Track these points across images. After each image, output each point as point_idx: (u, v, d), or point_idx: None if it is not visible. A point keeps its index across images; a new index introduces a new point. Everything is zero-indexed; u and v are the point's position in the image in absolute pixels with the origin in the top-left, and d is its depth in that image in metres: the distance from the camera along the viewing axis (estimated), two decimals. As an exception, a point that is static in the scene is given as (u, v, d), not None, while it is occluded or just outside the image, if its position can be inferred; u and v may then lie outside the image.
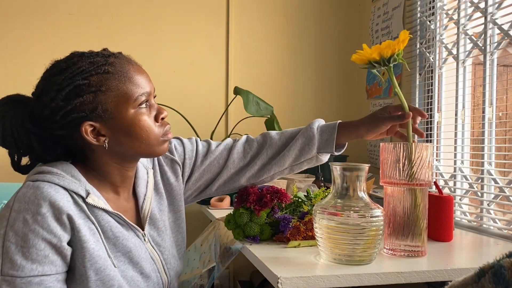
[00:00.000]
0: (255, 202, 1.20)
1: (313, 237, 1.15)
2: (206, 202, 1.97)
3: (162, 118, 0.98)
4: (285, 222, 1.21)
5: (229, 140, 1.23)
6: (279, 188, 1.24)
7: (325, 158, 1.18)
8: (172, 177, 1.14)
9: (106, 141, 0.92)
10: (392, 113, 1.12)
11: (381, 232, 1.02)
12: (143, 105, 0.94)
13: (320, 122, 1.19)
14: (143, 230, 1.01)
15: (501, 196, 1.48)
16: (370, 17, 2.39)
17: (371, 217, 1.00)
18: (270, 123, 2.15)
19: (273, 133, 1.22)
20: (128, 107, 0.92)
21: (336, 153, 1.16)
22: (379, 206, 1.04)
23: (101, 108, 0.90)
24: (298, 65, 2.59)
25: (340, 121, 1.17)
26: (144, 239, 1.00)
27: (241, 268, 2.39)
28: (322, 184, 1.99)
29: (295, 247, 1.17)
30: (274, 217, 1.24)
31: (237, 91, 2.11)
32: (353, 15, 2.60)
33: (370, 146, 2.36)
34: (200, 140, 1.22)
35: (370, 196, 1.22)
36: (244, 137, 1.24)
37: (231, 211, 1.29)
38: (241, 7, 2.51)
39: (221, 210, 1.82)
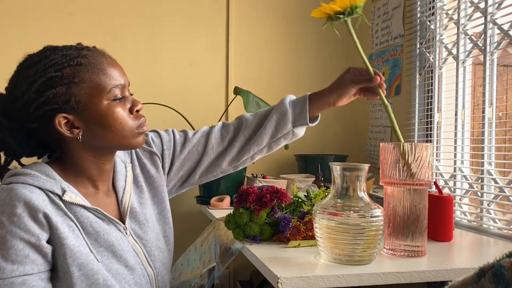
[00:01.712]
0: (255, 202, 1.20)
1: (313, 237, 1.15)
2: (206, 202, 1.97)
3: (137, 111, 0.98)
4: (285, 222, 1.21)
5: (205, 128, 1.24)
6: (279, 188, 1.24)
7: (301, 132, 1.20)
8: (152, 169, 1.14)
9: (80, 134, 0.92)
10: (356, 75, 1.14)
11: (381, 232, 1.02)
12: (117, 98, 0.94)
13: (291, 97, 1.22)
14: (124, 223, 1.01)
15: (501, 196, 1.48)
16: (370, 17, 2.39)
17: (371, 217, 1.01)
18: (270, 123, 2.14)
19: (247, 114, 1.24)
20: (102, 99, 0.92)
21: (310, 124, 1.18)
22: (379, 206, 1.04)
23: (74, 100, 0.90)
24: (298, 65, 2.59)
25: (310, 93, 1.19)
26: (126, 233, 1.00)
27: (241, 268, 2.39)
28: (322, 184, 1.99)
29: (295, 247, 1.17)
30: (274, 217, 1.24)
31: (237, 91, 2.11)
32: (353, 15, 2.59)
33: (370, 146, 2.36)
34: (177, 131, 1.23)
35: (370, 196, 1.22)
36: (220, 123, 1.25)
37: (231, 211, 1.29)
38: (241, 7, 2.51)
39: (221, 210, 1.82)
